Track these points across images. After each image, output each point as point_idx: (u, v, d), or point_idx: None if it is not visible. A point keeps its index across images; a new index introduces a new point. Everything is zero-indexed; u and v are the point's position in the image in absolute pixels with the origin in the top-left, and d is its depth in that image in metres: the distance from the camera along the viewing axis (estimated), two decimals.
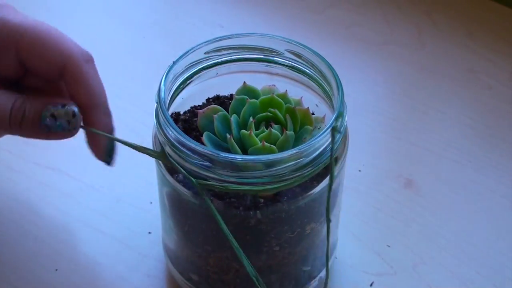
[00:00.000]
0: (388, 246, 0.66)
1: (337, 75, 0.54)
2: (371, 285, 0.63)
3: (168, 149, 0.53)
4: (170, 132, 0.52)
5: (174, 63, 0.56)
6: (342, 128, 0.53)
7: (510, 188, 0.70)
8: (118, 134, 0.56)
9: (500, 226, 0.68)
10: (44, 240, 0.65)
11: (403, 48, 0.84)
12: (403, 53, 0.83)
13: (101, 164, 0.57)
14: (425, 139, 0.74)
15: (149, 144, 0.56)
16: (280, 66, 0.58)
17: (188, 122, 0.58)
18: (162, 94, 0.53)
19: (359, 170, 0.71)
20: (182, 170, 0.52)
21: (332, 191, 0.55)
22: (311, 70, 0.57)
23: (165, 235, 0.61)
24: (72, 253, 0.65)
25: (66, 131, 0.54)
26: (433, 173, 0.72)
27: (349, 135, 0.56)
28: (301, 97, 0.57)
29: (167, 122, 0.52)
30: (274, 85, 0.58)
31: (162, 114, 0.52)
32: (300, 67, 0.57)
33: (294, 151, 0.50)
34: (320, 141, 0.51)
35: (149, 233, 0.66)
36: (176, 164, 0.52)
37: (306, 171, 0.51)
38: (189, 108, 0.60)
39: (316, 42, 0.75)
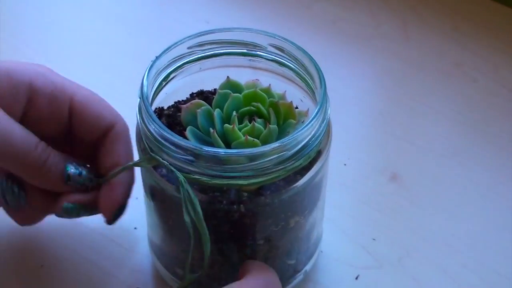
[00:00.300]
0: (374, 239, 0.66)
1: (319, 68, 0.55)
2: (356, 278, 0.63)
3: (151, 144, 0.53)
4: (153, 127, 0.52)
5: (157, 58, 0.56)
6: (325, 121, 0.53)
7: (495, 181, 0.71)
8: None
9: (486, 219, 0.68)
10: (30, 236, 0.65)
11: (389, 42, 0.84)
12: (389, 47, 0.83)
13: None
14: (411, 133, 0.75)
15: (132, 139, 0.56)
16: (264, 60, 0.58)
17: (172, 117, 0.58)
18: (145, 89, 0.54)
19: (345, 164, 0.71)
20: (166, 163, 0.52)
21: (315, 184, 0.55)
22: (294, 64, 0.57)
23: (150, 230, 0.61)
24: (58, 249, 0.65)
25: (83, 186, 0.57)
26: (418, 167, 0.72)
27: (332, 128, 0.56)
28: (285, 91, 0.57)
29: (150, 117, 0.52)
30: (258, 80, 0.58)
31: (145, 109, 0.52)
32: (283, 61, 0.58)
33: (277, 145, 0.50)
34: (303, 135, 0.51)
35: (135, 228, 0.66)
36: (161, 159, 0.52)
37: (289, 164, 0.51)
38: (173, 103, 0.60)
39: (303, 37, 0.75)
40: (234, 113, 0.55)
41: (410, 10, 0.87)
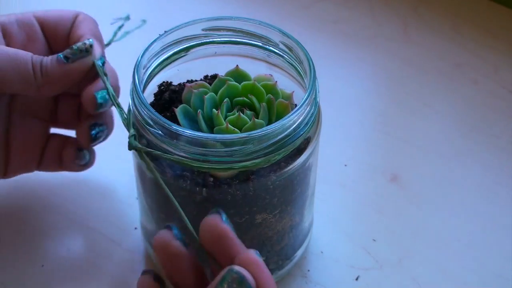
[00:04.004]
0: (374, 240, 0.66)
1: (307, 53, 0.55)
2: (356, 279, 0.63)
3: (134, 111, 0.54)
4: (136, 99, 0.53)
5: (165, 32, 0.58)
6: (301, 120, 0.53)
7: (495, 183, 0.71)
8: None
9: (485, 220, 0.68)
10: (31, 236, 0.65)
11: (389, 42, 0.84)
12: (390, 47, 0.83)
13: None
14: (411, 134, 0.75)
15: None
16: (277, 57, 0.58)
17: (176, 93, 0.59)
18: (139, 59, 0.57)
19: (345, 165, 0.71)
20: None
21: (302, 170, 0.54)
22: (295, 61, 0.57)
23: (143, 217, 0.62)
24: (58, 249, 0.65)
25: (84, 55, 0.59)
26: (419, 168, 0.72)
27: (331, 129, 0.56)
28: (293, 91, 0.57)
29: (135, 89, 0.53)
30: (271, 75, 0.58)
31: (136, 76, 0.54)
32: (291, 61, 0.58)
33: (243, 135, 0.50)
34: (279, 129, 0.51)
35: (135, 228, 0.66)
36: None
37: (259, 156, 0.51)
38: (185, 81, 0.60)
39: (303, 36, 0.75)
40: (226, 99, 0.55)
41: (411, 11, 0.87)
